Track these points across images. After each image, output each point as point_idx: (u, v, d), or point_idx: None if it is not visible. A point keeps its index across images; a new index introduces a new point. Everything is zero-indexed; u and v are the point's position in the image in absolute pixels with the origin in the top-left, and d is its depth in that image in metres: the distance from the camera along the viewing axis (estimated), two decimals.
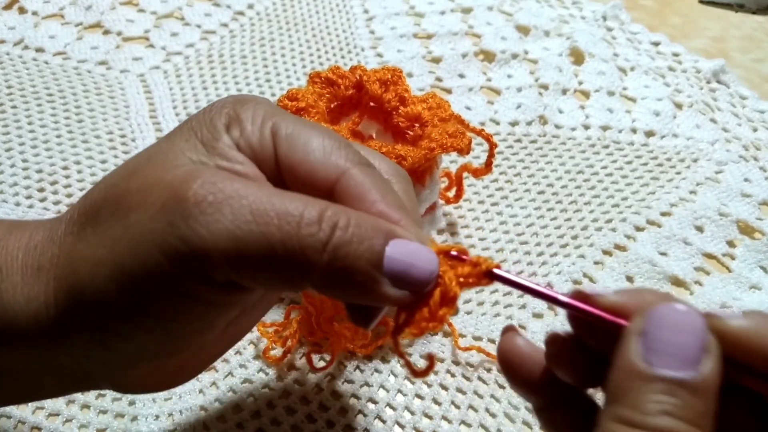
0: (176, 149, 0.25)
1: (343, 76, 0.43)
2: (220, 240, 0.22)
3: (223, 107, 0.26)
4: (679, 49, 0.65)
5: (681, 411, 0.20)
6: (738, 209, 0.51)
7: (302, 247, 0.23)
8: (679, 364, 0.21)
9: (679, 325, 0.21)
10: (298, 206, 0.23)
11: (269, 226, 0.22)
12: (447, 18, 0.66)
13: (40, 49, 0.59)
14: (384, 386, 0.40)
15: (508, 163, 0.54)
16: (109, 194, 0.25)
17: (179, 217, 0.22)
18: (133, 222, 0.23)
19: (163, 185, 0.23)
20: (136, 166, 0.25)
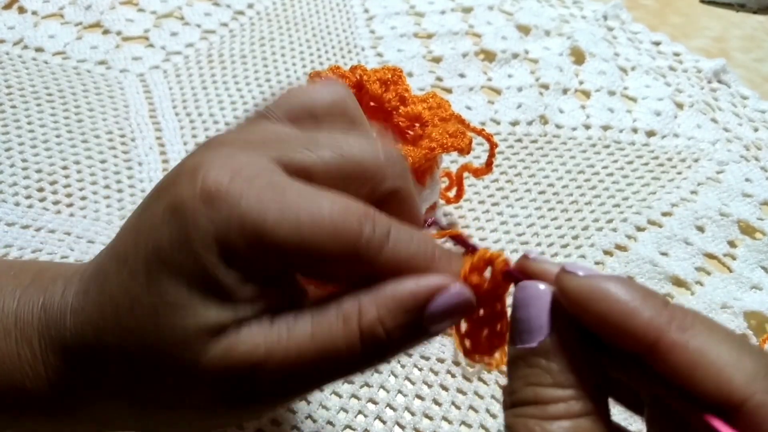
0: (185, 321, 0.21)
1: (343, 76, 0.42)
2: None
3: (205, 234, 0.21)
4: (680, 49, 0.65)
5: (540, 378, 0.21)
6: (739, 209, 0.51)
7: (350, 366, 0.23)
8: (530, 335, 0.22)
9: (525, 299, 0.22)
10: (339, 346, 0.22)
11: (321, 372, 0.23)
12: (447, 17, 0.66)
13: (40, 49, 0.59)
14: (384, 387, 0.40)
15: (508, 163, 0.53)
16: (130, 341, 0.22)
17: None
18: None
19: (207, 372, 0.22)
20: (143, 332, 0.22)
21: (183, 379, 0.22)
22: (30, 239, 0.46)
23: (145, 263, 0.22)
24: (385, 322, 0.22)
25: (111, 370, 0.23)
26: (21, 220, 0.47)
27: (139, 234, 0.23)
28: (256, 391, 0.22)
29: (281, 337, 0.22)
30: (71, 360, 0.24)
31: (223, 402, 0.23)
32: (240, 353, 0.21)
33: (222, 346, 0.22)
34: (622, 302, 0.21)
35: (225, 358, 0.21)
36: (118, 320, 0.22)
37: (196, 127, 0.54)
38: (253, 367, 0.22)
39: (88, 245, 0.46)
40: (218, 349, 0.21)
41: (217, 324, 0.21)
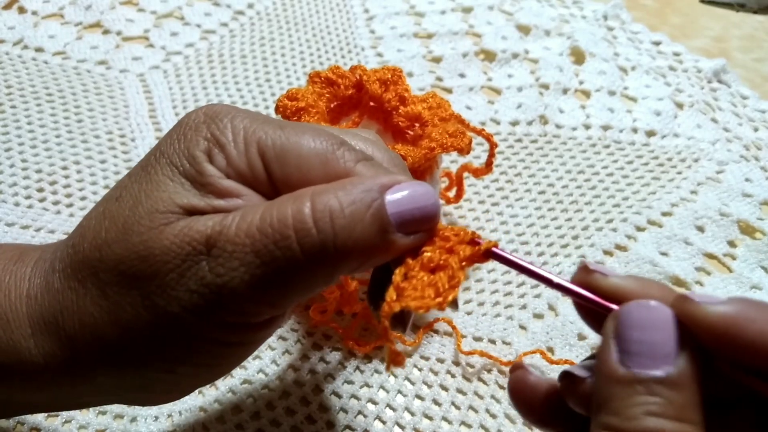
0: (162, 195, 0.24)
1: (343, 76, 0.42)
2: (241, 287, 0.23)
3: (197, 131, 0.25)
4: (680, 49, 0.65)
5: (663, 408, 0.20)
6: (739, 209, 0.51)
7: (309, 257, 0.23)
8: (654, 362, 0.21)
9: (648, 322, 0.21)
10: (286, 216, 0.23)
11: (273, 254, 0.22)
12: (447, 17, 0.66)
13: (40, 49, 0.59)
14: (384, 387, 0.40)
15: (508, 163, 0.53)
16: (105, 255, 0.24)
17: (200, 284, 0.23)
18: (150, 291, 0.23)
19: (167, 248, 0.23)
20: (124, 220, 0.24)
21: (149, 261, 0.23)
22: (30, 239, 0.46)
23: (146, 160, 0.25)
24: (339, 196, 0.23)
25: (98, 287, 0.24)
26: (21, 220, 0.47)
27: (147, 155, 0.26)
28: (214, 273, 0.23)
29: (235, 218, 0.23)
30: (62, 330, 0.24)
31: (195, 317, 0.23)
32: (197, 227, 0.23)
33: (185, 222, 0.23)
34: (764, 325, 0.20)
35: (184, 229, 0.23)
36: (105, 210, 0.25)
37: None
38: (207, 241, 0.23)
39: None
40: (181, 224, 0.23)
41: (188, 204, 0.24)
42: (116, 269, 0.23)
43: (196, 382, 0.28)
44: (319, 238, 0.22)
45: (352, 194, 0.23)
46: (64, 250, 0.25)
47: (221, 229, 0.23)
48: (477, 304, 0.44)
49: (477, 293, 0.45)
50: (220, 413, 0.38)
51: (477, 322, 0.43)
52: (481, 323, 0.43)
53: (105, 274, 0.24)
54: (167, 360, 0.24)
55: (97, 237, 0.24)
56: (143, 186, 0.24)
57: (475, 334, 0.43)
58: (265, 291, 0.23)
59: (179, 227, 0.23)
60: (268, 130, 0.25)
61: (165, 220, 0.23)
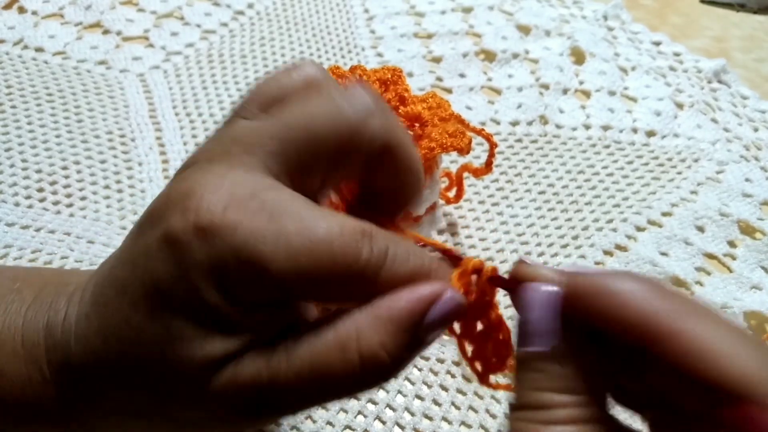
0: (189, 352, 0.21)
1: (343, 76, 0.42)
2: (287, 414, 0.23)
3: (189, 250, 0.21)
4: (680, 49, 0.65)
5: (548, 382, 0.21)
6: (739, 209, 0.51)
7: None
8: (538, 338, 0.22)
9: (534, 302, 0.22)
10: (337, 376, 0.22)
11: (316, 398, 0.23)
12: (447, 17, 0.66)
13: (40, 49, 0.59)
14: (384, 387, 0.40)
15: (508, 163, 0.53)
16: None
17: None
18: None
19: (214, 399, 0.22)
20: (154, 379, 0.22)
21: (189, 406, 0.22)
22: (30, 239, 0.46)
23: (145, 296, 0.22)
24: (385, 345, 0.22)
25: (117, 396, 0.23)
26: (21, 220, 0.47)
27: (135, 264, 0.22)
28: (260, 411, 0.23)
29: (281, 363, 0.22)
30: (78, 383, 0.24)
31: (229, 419, 0.23)
32: (244, 379, 0.22)
33: (227, 373, 0.22)
34: (637, 296, 0.20)
35: (230, 383, 0.22)
36: (123, 352, 0.22)
37: (196, 127, 0.54)
38: (258, 391, 0.22)
39: (88, 245, 0.46)
40: (224, 377, 0.22)
41: (222, 354, 0.22)
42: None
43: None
44: (371, 383, 0.23)
45: (395, 340, 0.22)
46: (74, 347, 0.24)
47: (271, 377, 0.22)
48: None
49: None
50: None
51: None
52: None
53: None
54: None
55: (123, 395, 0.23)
56: (163, 341, 0.22)
57: None
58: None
59: (224, 380, 0.22)
60: (270, 231, 0.21)
61: (205, 376, 0.22)
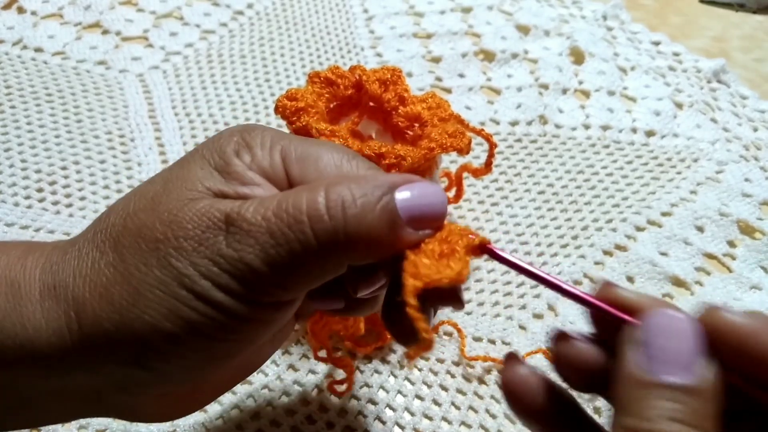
0: (192, 177, 0.26)
1: (342, 76, 0.42)
2: (254, 262, 0.24)
3: (231, 135, 0.27)
4: (680, 49, 0.65)
5: (685, 415, 0.21)
6: (738, 209, 0.51)
7: (321, 242, 0.24)
8: (678, 369, 0.21)
9: (674, 330, 0.22)
10: (301, 203, 0.24)
11: (287, 236, 0.24)
12: (447, 17, 0.66)
13: (39, 49, 0.59)
14: (384, 387, 0.40)
15: (508, 163, 0.53)
16: (129, 223, 0.25)
17: (216, 254, 0.24)
18: (168, 253, 0.24)
19: (189, 218, 0.25)
20: (153, 194, 0.26)
21: (171, 227, 0.25)
22: (30, 239, 0.46)
23: (181, 158, 0.28)
24: (352, 189, 0.24)
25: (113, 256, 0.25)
26: (20, 220, 0.47)
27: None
28: (231, 248, 0.24)
29: (254, 202, 0.25)
30: (79, 306, 0.25)
31: (205, 264, 0.24)
32: (218, 206, 0.25)
33: (209, 200, 0.25)
34: None
35: (207, 206, 0.25)
36: (135, 191, 0.27)
37: (195, 128, 0.54)
38: (226, 218, 0.24)
39: None
40: (205, 201, 0.25)
41: (215, 187, 0.26)
42: (138, 233, 0.25)
43: (193, 398, 0.28)
44: (331, 225, 0.24)
45: (365, 188, 0.25)
46: (88, 228, 0.27)
47: (240, 210, 0.24)
48: (477, 305, 0.44)
49: (477, 293, 0.45)
50: (220, 413, 0.38)
51: (476, 322, 0.43)
52: (480, 323, 0.43)
53: (126, 239, 0.25)
54: (175, 325, 0.24)
55: (124, 210, 0.26)
56: (174, 172, 0.27)
57: (474, 334, 0.43)
58: (277, 271, 0.24)
59: (203, 204, 0.25)
60: (292, 139, 0.27)
61: (191, 196, 0.25)
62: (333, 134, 0.38)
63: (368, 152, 0.38)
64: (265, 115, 0.56)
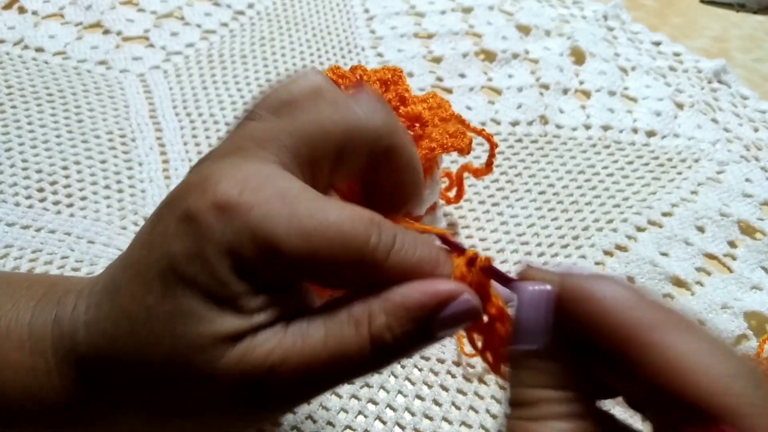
0: (199, 328, 0.22)
1: (343, 76, 0.42)
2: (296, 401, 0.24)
3: (209, 232, 0.22)
4: (680, 49, 0.65)
5: (536, 378, 0.22)
6: (739, 209, 0.51)
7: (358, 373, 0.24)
8: (531, 337, 0.22)
9: (525, 301, 0.23)
10: (351, 354, 0.23)
11: (330, 378, 0.24)
12: (447, 17, 0.66)
13: (40, 49, 0.59)
14: (384, 387, 0.40)
15: (508, 163, 0.53)
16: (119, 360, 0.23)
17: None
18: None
19: (224, 377, 0.22)
20: (162, 356, 0.22)
21: (199, 385, 0.22)
22: (30, 240, 0.46)
23: (160, 274, 0.22)
24: (393, 329, 0.23)
25: (126, 382, 0.23)
26: (21, 220, 0.47)
27: (152, 247, 0.23)
28: (271, 395, 0.23)
29: (296, 341, 0.22)
30: (85, 372, 0.24)
31: (239, 406, 0.23)
32: (255, 357, 0.22)
33: (238, 351, 0.22)
34: (618, 303, 0.21)
35: (241, 362, 0.22)
36: (133, 331, 0.23)
37: (196, 127, 0.54)
38: (269, 371, 0.22)
39: (89, 246, 0.46)
40: (234, 355, 0.22)
41: (232, 332, 0.22)
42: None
43: None
44: (372, 366, 0.24)
45: (405, 326, 0.23)
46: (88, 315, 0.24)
47: (282, 359, 0.22)
48: None
49: None
50: None
51: None
52: None
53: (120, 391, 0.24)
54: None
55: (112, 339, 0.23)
56: (174, 318, 0.22)
57: None
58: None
59: (236, 356, 0.22)
60: (292, 215, 0.22)
61: (214, 354, 0.22)
62: None
63: None
64: None
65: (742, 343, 0.43)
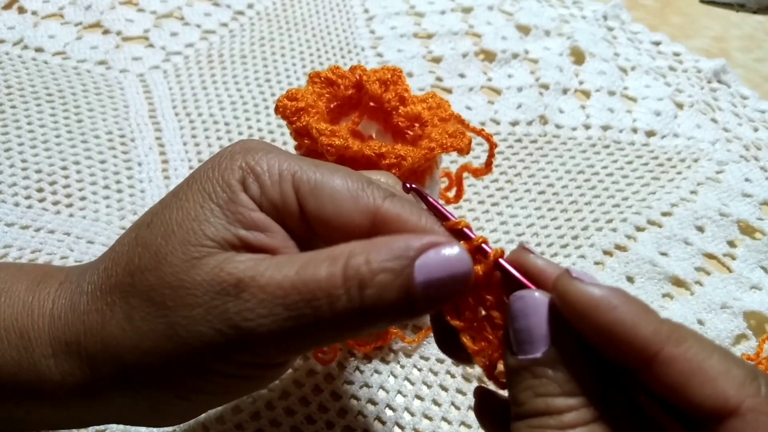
0: (193, 224, 0.24)
1: (342, 76, 0.42)
2: (265, 334, 0.23)
3: (232, 160, 0.25)
4: (680, 49, 0.65)
5: (547, 387, 0.21)
6: (739, 209, 0.51)
7: (336, 318, 0.23)
8: (533, 345, 0.22)
9: (525, 309, 0.23)
10: (319, 279, 0.23)
11: (302, 311, 0.23)
12: (447, 17, 0.66)
13: (40, 49, 0.59)
14: (384, 387, 0.40)
15: (508, 163, 0.53)
16: (137, 281, 0.24)
17: (225, 323, 0.23)
18: (176, 321, 0.24)
19: (198, 283, 0.24)
20: (156, 248, 0.24)
21: (181, 293, 0.24)
22: (30, 239, 0.46)
23: (178, 187, 0.26)
24: (371, 263, 0.23)
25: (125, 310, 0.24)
26: (20, 220, 0.47)
27: (177, 190, 0.26)
28: (242, 315, 0.23)
29: (270, 266, 0.24)
30: (85, 348, 0.25)
31: (215, 334, 0.23)
32: (229, 270, 0.23)
33: (217, 259, 0.24)
34: (625, 314, 0.21)
35: (215, 269, 0.24)
36: (137, 236, 0.25)
37: (195, 127, 0.54)
38: (237, 284, 0.23)
39: (88, 245, 0.46)
40: (212, 261, 0.24)
41: (219, 237, 0.24)
42: (146, 296, 0.24)
43: (208, 407, 0.29)
44: (348, 305, 0.23)
45: (384, 261, 0.23)
46: (93, 273, 0.26)
47: (254, 275, 0.23)
48: None
49: None
50: (220, 413, 0.38)
51: None
52: None
53: (135, 300, 0.24)
54: (183, 387, 0.25)
55: (130, 263, 0.25)
56: (174, 214, 0.25)
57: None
58: (289, 341, 0.24)
59: (211, 265, 0.24)
60: (303, 166, 0.25)
61: (197, 254, 0.24)
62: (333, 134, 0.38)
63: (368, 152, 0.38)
64: (265, 115, 0.56)
65: (742, 343, 0.43)
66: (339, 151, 0.38)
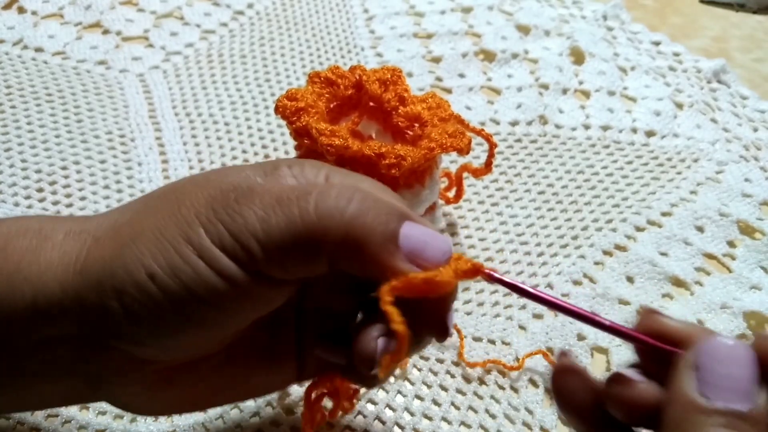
0: (244, 167, 0.28)
1: (342, 76, 0.42)
2: (257, 225, 0.25)
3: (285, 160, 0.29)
4: (680, 49, 0.65)
5: None
6: (738, 209, 0.51)
7: (318, 217, 0.24)
8: (734, 396, 0.22)
9: (730, 357, 0.22)
10: (316, 180, 0.26)
11: (290, 204, 0.25)
12: (447, 17, 0.66)
13: (40, 49, 0.59)
14: (383, 387, 0.40)
15: (508, 163, 0.53)
16: (166, 188, 0.28)
17: (224, 210, 0.25)
18: (179, 206, 0.26)
19: (218, 183, 0.26)
20: (206, 173, 0.28)
21: (199, 190, 0.26)
22: None
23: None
24: (367, 195, 0.26)
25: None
26: None
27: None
28: (238, 202, 0.25)
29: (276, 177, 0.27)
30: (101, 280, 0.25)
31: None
32: (246, 178, 0.27)
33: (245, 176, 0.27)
34: None
35: (237, 178, 0.27)
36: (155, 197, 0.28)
37: (195, 128, 0.54)
38: (247, 183, 0.26)
39: None
40: (241, 176, 0.27)
41: (258, 174, 0.27)
42: (170, 190, 0.27)
43: (188, 400, 0.29)
44: (333, 205, 0.25)
45: (379, 203, 0.25)
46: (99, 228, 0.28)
47: (260, 179, 0.27)
48: (476, 304, 0.44)
49: (476, 293, 0.45)
50: (220, 413, 0.38)
51: (476, 322, 0.43)
52: (480, 323, 0.43)
53: (156, 194, 0.28)
54: (162, 270, 0.25)
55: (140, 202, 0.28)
56: None
57: (474, 334, 0.43)
58: (274, 239, 0.24)
59: (237, 177, 0.27)
60: (334, 169, 0.28)
61: (234, 174, 0.27)
62: (333, 134, 0.38)
63: (368, 152, 0.38)
64: (265, 115, 0.56)
65: None
66: (339, 151, 0.38)
